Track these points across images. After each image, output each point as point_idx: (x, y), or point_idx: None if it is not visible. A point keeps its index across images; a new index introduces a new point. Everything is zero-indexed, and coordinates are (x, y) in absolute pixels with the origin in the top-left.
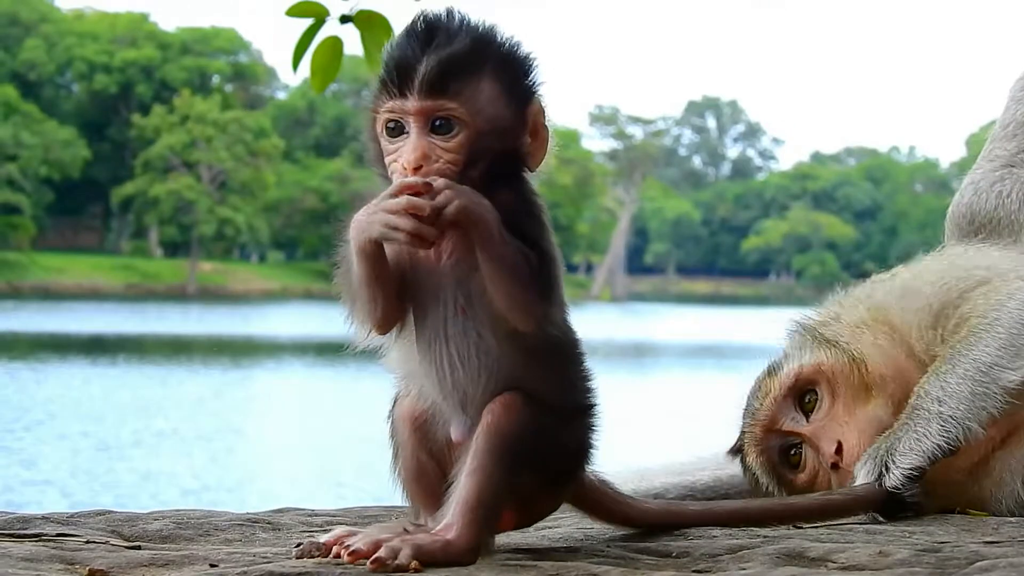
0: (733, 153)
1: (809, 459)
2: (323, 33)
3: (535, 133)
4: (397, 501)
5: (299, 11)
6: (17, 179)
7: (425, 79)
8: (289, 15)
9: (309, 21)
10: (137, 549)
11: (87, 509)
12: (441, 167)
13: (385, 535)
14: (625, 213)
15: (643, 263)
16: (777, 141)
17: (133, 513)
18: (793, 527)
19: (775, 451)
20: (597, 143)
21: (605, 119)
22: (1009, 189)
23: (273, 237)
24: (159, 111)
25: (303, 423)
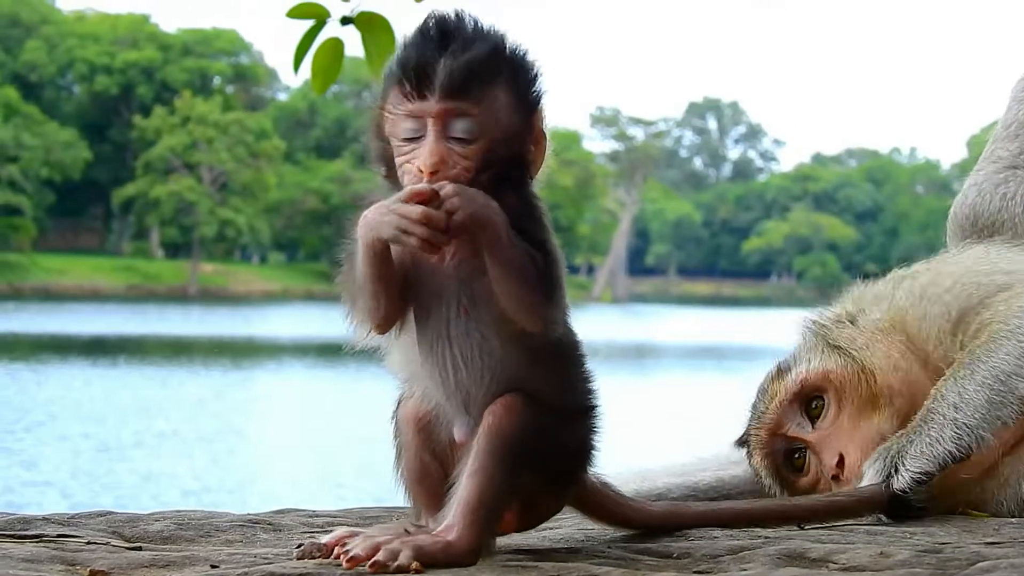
0: (734, 154)
1: (812, 463)
2: (324, 34)
3: (537, 140)
4: (398, 502)
5: (300, 12)
6: (18, 180)
7: (447, 81)
8: (290, 16)
9: (310, 23)
10: (138, 550)
11: (88, 510)
12: (457, 173)
13: (384, 537)
14: (626, 214)
15: (644, 264)
16: (778, 142)
17: (134, 514)
18: (795, 528)
19: (779, 454)
20: (598, 144)
21: (606, 120)
22: (1014, 191)
23: (274, 238)
24: (160, 112)
25: (304, 424)
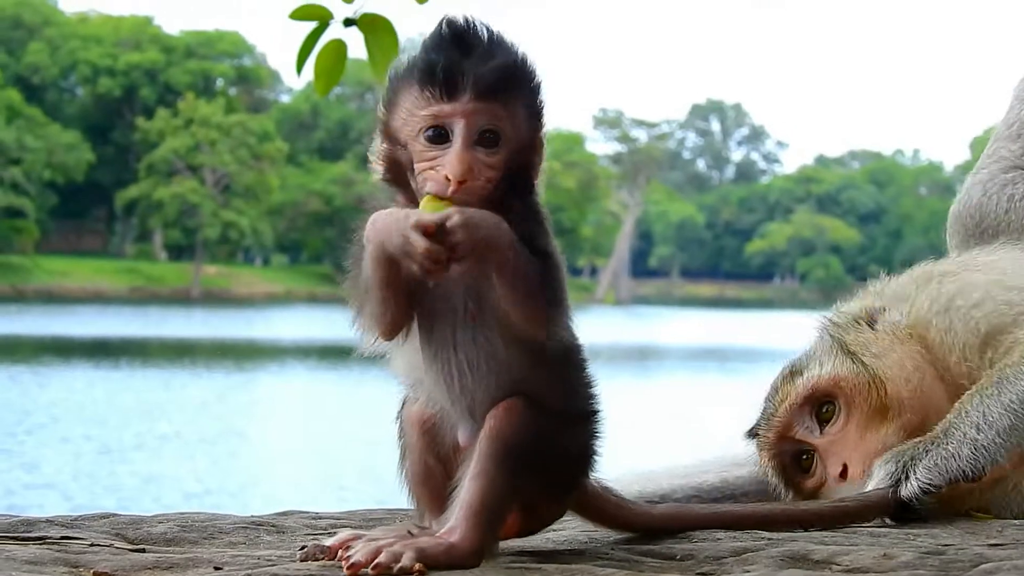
0: (737, 156)
1: (819, 466)
2: (327, 36)
3: (540, 150)
4: (401, 504)
5: (303, 14)
6: (21, 182)
7: (479, 81)
8: (293, 18)
9: (313, 24)
10: (141, 552)
11: (91, 512)
12: (482, 185)
13: (387, 540)
14: (629, 216)
15: (647, 266)
16: (781, 144)
17: (137, 516)
18: (799, 529)
19: (787, 455)
20: (601, 146)
21: (609, 122)
22: (1021, 193)
23: (277, 240)
24: (163, 114)
25: (306, 426)
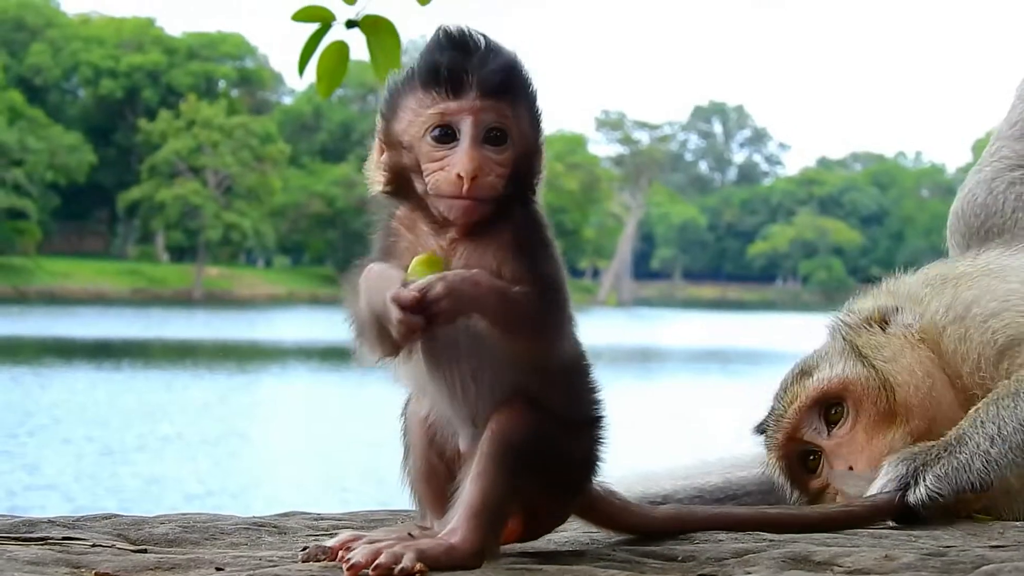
0: (739, 158)
1: (825, 467)
2: (329, 38)
3: (540, 156)
4: (403, 505)
5: (305, 16)
6: (23, 184)
7: (486, 79)
8: (295, 20)
9: (315, 26)
10: (143, 553)
11: (93, 513)
12: (493, 181)
13: (387, 541)
14: (631, 218)
15: (649, 268)
16: (783, 146)
17: (139, 517)
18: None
19: (794, 455)
20: (603, 148)
21: (611, 124)
22: None
23: (279, 242)
24: (165, 116)
25: (308, 428)
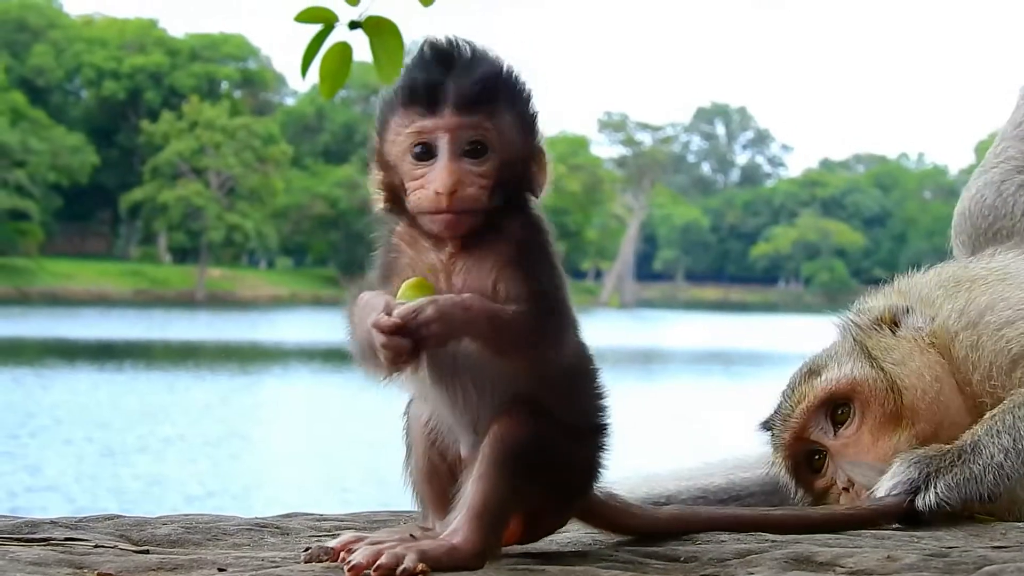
0: (742, 160)
1: (830, 467)
2: (332, 39)
3: (539, 162)
4: (404, 506)
5: (308, 17)
6: (25, 185)
7: (460, 95)
8: (298, 21)
9: (318, 27)
10: (145, 553)
11: (95, 513)
12: (474, 193)
13: (388, 542)
14: (634, 220)
15: (652, 270)
16: (786, 148)
17: (142, 518)
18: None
19: (800, 455)
20: (606, 150)
21: (614, 126)
22: None
23: (282, 243)
24: (168, 117)
25: (310, 429)
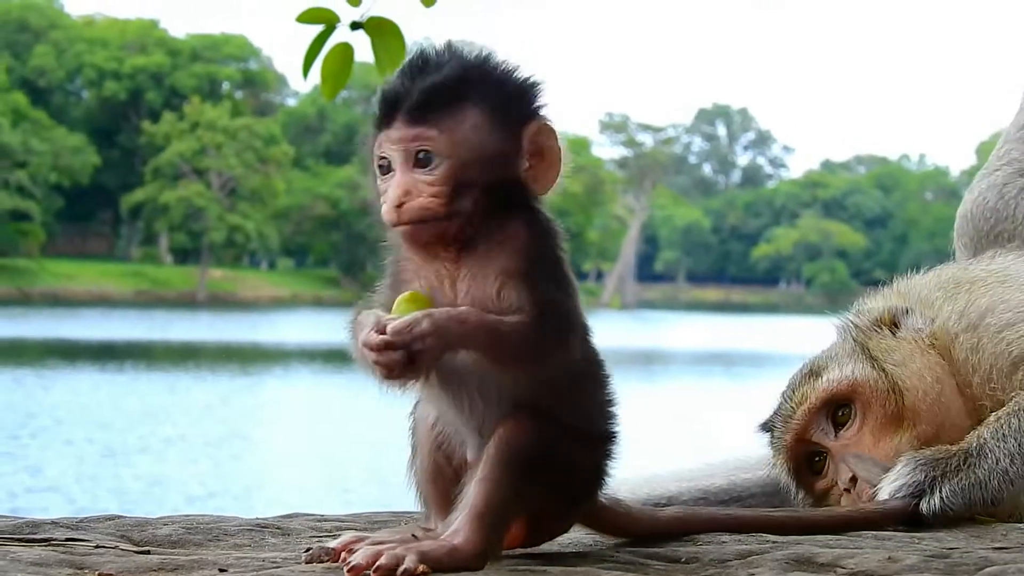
0: (743, 161)
1: (831, 468)
2: (333, 40)
3: (539, 155)
4: (405, 506)
5: (309, 17)
6: (27, 186)
7: (407, 105)
8: (299, 21)
9: (319, 28)
10: (146, 554)
11: (96, 514)
12: (424, 202)
13: (389, 543)
14: (635, 221)
15: (653, 271)
16: (787, 149)
17: (143, 518)
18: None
19: (800, 457)
20: (607, 151)
21: (615, 127)
22: None
23: (283, 244)
24: (169, 118)
25: (311, 430)
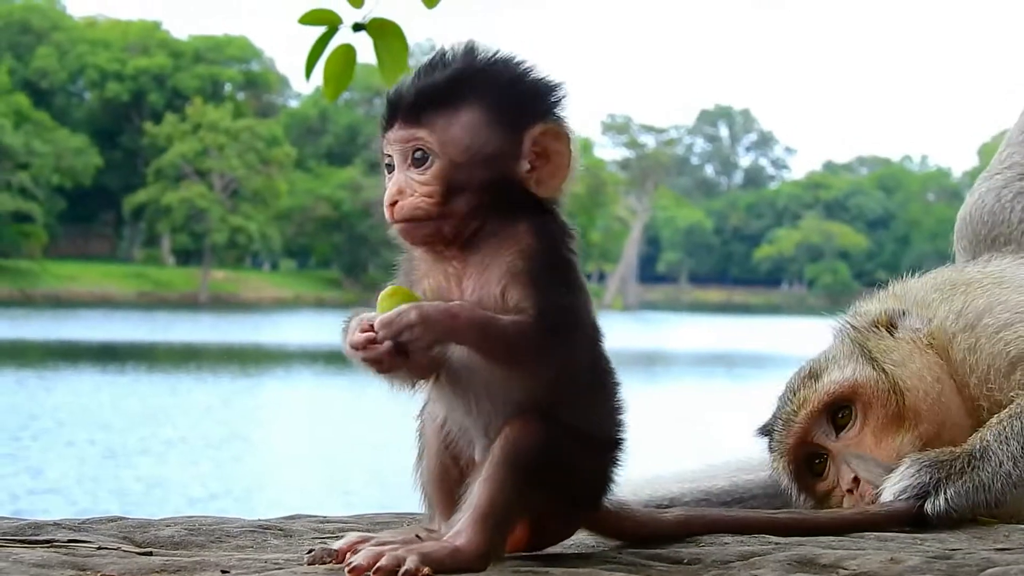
0: (745, 162)
1: (832, 470)
2: (336, 41)
3: (543, 158)
4: (407, 508)
5: (312, 19)
6: (29, 187)
7: (404, 105)
8: (302, 23)
9: (322, 29)
10: (148, 555)
11: (99, 515)
12: (415, 201)
13: (391, 544)
14: (637, 222)
15: (655, 272)
16: (789, 150)
17: (145, 519)
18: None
19: (801, 459)
20: (609, 152)
21: (617, 128)
22: None
23: (285, 245)
24: (171, 119)
25: (312, 431)
